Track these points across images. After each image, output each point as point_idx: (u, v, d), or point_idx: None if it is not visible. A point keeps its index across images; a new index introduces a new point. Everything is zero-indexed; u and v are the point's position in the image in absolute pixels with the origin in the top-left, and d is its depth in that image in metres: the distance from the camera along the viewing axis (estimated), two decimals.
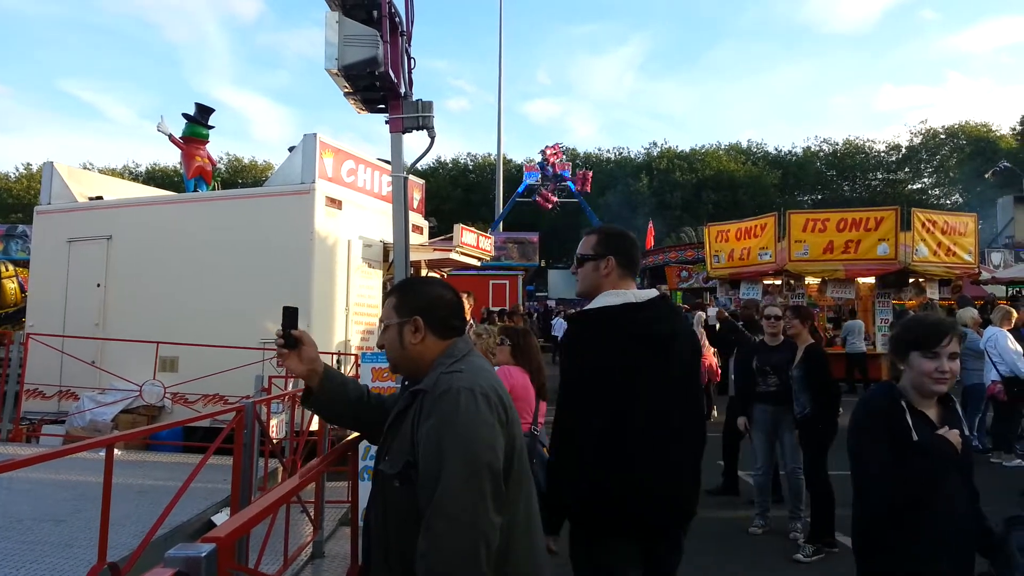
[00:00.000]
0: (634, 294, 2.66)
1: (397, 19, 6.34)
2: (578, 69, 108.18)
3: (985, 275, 20.39)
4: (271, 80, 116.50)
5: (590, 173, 38.08)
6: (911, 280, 17.05)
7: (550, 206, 38.03)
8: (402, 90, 6.33)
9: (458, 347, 2.08)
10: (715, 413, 12.51)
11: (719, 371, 12.58)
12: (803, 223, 17.06)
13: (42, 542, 4.57)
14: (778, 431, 6.06)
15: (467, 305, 7.67)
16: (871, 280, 17.40)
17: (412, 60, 6.59)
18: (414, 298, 2.13)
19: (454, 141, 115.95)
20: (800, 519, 5.96)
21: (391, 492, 1.92)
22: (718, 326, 8.90)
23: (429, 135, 6.39)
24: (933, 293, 16.66)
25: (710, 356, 12.34)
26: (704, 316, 12.70)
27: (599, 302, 2.64)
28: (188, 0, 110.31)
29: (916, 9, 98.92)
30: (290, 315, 2.23)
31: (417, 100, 6.34)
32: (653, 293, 2.73)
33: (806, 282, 17.58)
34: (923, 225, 16.82)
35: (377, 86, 6.15)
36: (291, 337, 2.19)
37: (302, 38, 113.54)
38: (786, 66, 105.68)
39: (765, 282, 18.06)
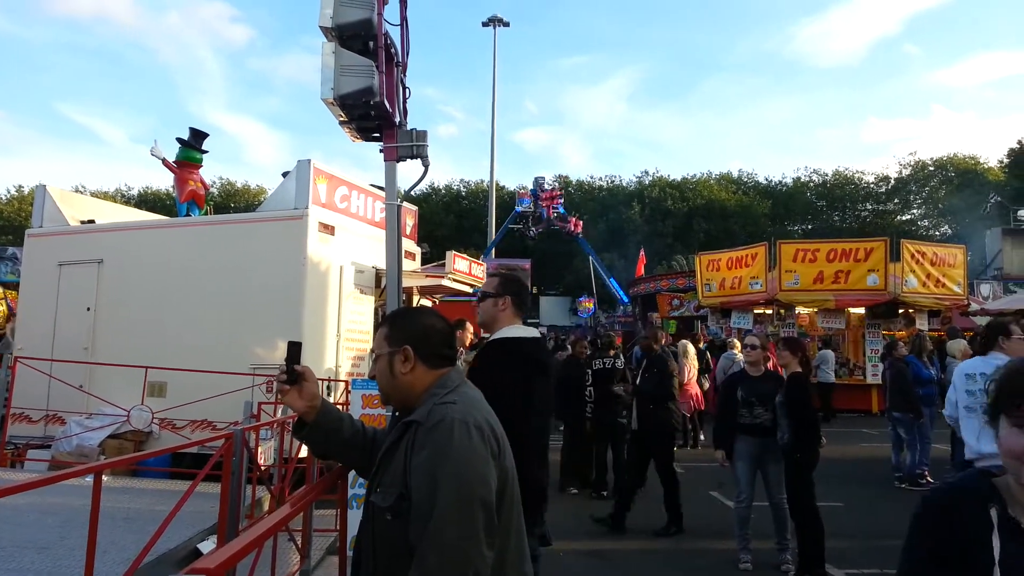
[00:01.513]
0: (534, 331, 3.37)
1: (393, 50, 6.41)
2: (568, 99, 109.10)
3: (974, 306, 20.53)
4: (264, 105, 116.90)
5: (580, 222, 38.24)
6: (901, 311, 17.17)
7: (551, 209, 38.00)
8: (397, 119, 6.38)
9: (451, 378, 2.08)
10: (702, 436, 12.55)
11: (703, 400, 12.64)
12: (793, 253, 17.21)
13: (25, 570, 4.51)
14: (762, 462, 6.04)
15: (468, 334, 7.64)
16: (861, 310, 17.51)
17: (407, 90, 6.66)
18: (405, 328, 2.13)
19: (444, 166, 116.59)
20: (788, 550, 5.94)
21: (382, 524, 1.91)
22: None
23: (423, 164, 6.44)
24: (923, 324, 16.78)
25: (694, 385, 12.38)
26: (688, 344, 12.72)
27: (514, 332, 3.21)
28: (181, 26, 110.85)
29: (900, 44, 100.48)
30: (294, 350, 2.24)
31: (412, 129, 6.39)
32: (536, 331, 3.47)
33: (797, 311, 17.68)
34: (912, 256, 16.99)
35: (372, 115, 6.20)
36: (294, 372, 2.20)
37: (292, 64, 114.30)
38: (774, 99, 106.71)
39: (756, 311, 18.14)
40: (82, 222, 10.06)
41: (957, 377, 5.09)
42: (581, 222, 37.49)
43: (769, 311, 17.89)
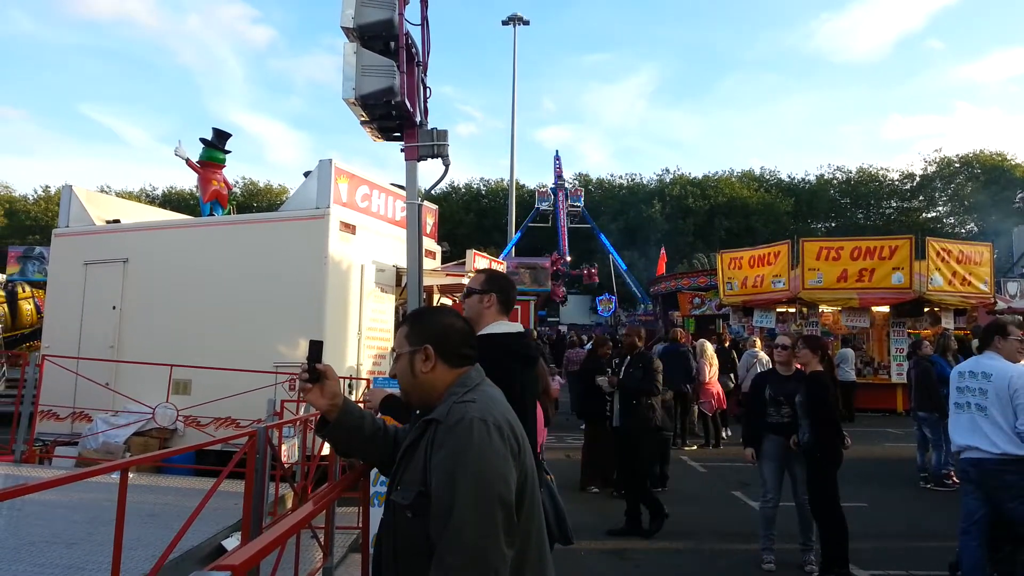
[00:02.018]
0: (518, 326, 3.35)
1: (414, 50, 6.42)
2: (588, 97, 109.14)
3: (1001, 305, 20.21)
4: (285, 105, 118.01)
5: (595, 268, 38.25)
6: (926, 309, 16.95)
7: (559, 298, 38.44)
8: (418, 119, 6.39)
9: (471, 376, 2.09)
10: (724, 435, 12.49)
11: (724, 399, 12.56)
12: (817, 251, 17.03)
13: (54, 565, 4.58)
14: (789, 462, 6.00)
15: None
16: (886, 309, 17.30)
17: (428, 89, 6.67)
18: (425, 327, 2.14)
19: (464, 165, 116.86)
20: (812, 550, 5.89)
21: (403, 522, 1.92)
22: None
23: (444, 163, 6.45)
24: (948, 323, 16.56)
25: (715, 384, 12.31)
26: (706, 343, 12.66)
27: (498, 328, 3.20)
28: (202, 27, 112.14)
29: (924, 40, 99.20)
30: (316, 348, 2.26)
31: (432, 129, 6.40)
32: (521, 326, 3.45)
33: (820, 310, 17.50)
34: (938, 254, 16.75)
35: (393, 115, 6.22)
36: (315, 371, 2.23)
37: (313, 64, 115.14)
38: (794, 96, 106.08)
39: (778, 310, 17.98)
40: (107, 222, 10.19)
41: (952, 375, 5.07)
42: (596, 271, 37.83)
43: (792, 310, 17.72)
